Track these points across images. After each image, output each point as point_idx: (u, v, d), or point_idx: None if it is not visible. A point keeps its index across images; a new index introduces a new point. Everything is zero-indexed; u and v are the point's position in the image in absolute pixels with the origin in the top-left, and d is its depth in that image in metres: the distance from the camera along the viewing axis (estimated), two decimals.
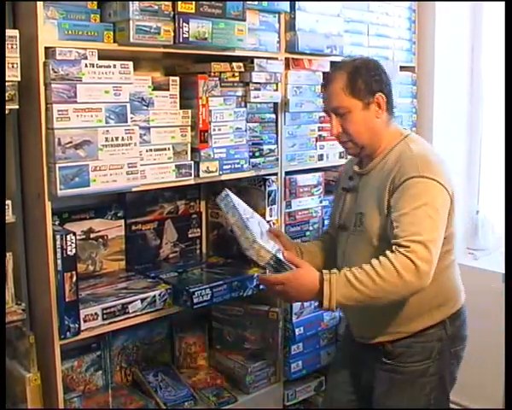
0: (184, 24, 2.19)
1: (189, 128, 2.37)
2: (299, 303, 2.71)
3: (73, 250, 2.06)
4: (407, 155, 1.98)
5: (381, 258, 1.82)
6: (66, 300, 2.06)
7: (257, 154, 2.58)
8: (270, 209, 2.65)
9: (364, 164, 2.13)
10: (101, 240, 2.48)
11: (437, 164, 1.97)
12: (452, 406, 3.38)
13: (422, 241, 1.80)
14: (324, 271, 1.86)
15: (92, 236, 2.46)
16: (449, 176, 1.99)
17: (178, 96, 2.35)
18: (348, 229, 2.12)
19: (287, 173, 2.71)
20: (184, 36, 2.20)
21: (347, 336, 2.30)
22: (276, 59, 2.60)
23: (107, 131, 2.07)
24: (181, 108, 2.35)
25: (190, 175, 2.37)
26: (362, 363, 2.19)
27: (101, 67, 2.05)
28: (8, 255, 2.06)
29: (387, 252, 1.83)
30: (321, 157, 2.81)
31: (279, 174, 2.68)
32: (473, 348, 3.19)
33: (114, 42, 2.13)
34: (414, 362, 2.04)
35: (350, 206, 2.15)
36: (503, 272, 2.08)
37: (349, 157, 2.36)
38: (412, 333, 2.04)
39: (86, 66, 2.01)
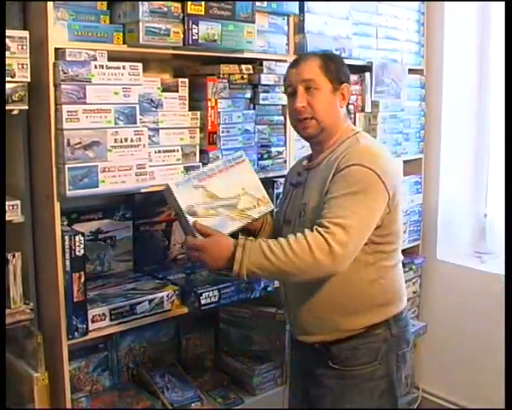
0: (194, 26, 2.20)
1: (198, 130, 2.37)
2: None
3: (82, 251, 2.07)
4: (353, 147, 1.97)
5: (298, 234, 1.80)
6: (75, 300, 2.07)
7: (265, 156, 2.58)
8: None
9: (313, 159, 2.11)
10: (109, 241, 2.49)
11: (381, 158, 1.94)
12: (452, 406, 3.40)
13: (343, 224, 1.78)
14: (240, 237, 1.86)
15: (100, 236, 2.46)
16: (393, 173, 1.97)
17: (187, 97, 2.36)
18: (292, 223, 2.07)
19: None
20: (193, 38, 2.20)
21: (292, 340, 2.22)
22: (285, 61, 2.59)
23: (116, 132, 2.07)
24: (190, 110, 2.36)
25: None
26: (308, 375, 2.10)
27: (110, 68, 2.05)
28: (17, 255, 2.06)
29: (306, 230, 1.81)
30: None
31: None
32: (477, 350, 3.21)
33: (124, 43, 2.14)
34: (361, 365, 1.99)
35: (295, 200, 2.10)
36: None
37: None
38: (355, 332, 1.98)
39: (96, 67, 2.02)
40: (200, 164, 2.37)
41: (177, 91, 2.33)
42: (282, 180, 2.62)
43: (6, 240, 2.08)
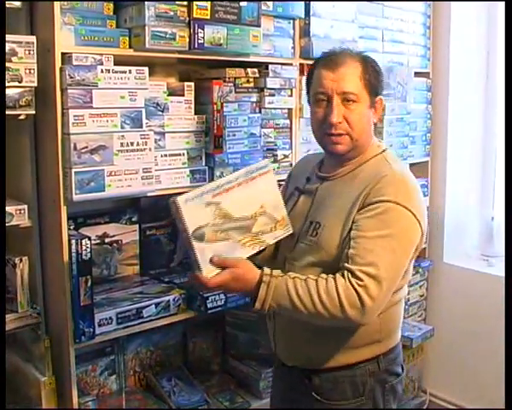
0: (199, 30, 2.20)
1: (204, 133, 2.38)
2: None
3: (88, 255, 2.07)
4: (387, 175, 1.75)
5: (330, 281, 1.64)
6: (81, 304, 2.07)
7: (271, 159, 2.58)
8: None
9: (329, 168, 1.90)
10: (115, 245, 2.49)
11: (416, 193, 1.77)
12: (452, 407, 3.39)
13: (377, 276, 1.63)
14: (266, 271, 1.69)
15: (107, 240, 2.47)
16: (423, 206, 1.79)
17: (193, 101, 2.36)
18: (296, 236, 1.86)
19: None
20: (199, 42, 2.21)
21: (275, 360, 2.05)
22: (291, 65, 2.60)
23: (123, 136, 2.08)
24: (196, 114, 2.36)
25: (205, 180, 2.37)
26: (291, 399, 1.96)
27: (116, 72, 2.06)
28: (24, 260, 2.07)
29: (338, 277, 1.65)
30: None
31: None
32: (485, 353, 3.20)
33: (130, 47, 2.15)
34: (345, 399, 1.83)
35: (302, 210, 1.89)
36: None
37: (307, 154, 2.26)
38: (340, 366, 1.83)
39: (102, 71, 2.02)
40: (206, 168, 2.38)
41: (183, 95, 2.34)
42: None
43: (13, 244, 2.09)
